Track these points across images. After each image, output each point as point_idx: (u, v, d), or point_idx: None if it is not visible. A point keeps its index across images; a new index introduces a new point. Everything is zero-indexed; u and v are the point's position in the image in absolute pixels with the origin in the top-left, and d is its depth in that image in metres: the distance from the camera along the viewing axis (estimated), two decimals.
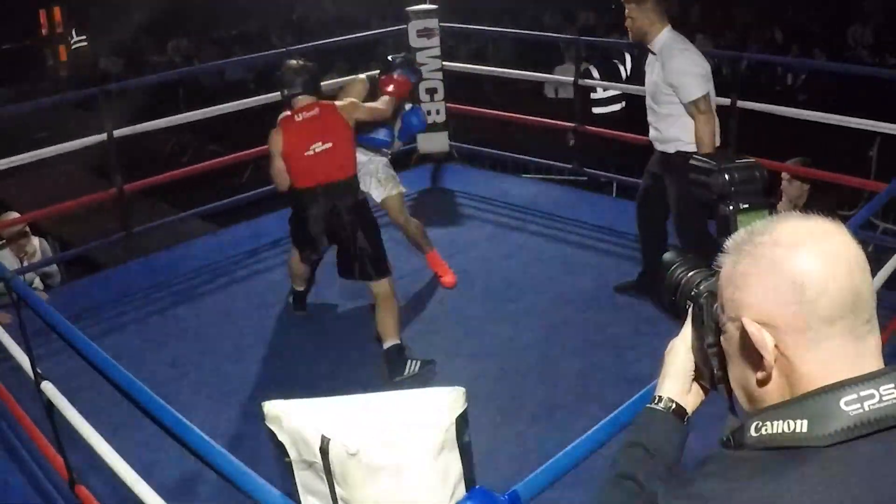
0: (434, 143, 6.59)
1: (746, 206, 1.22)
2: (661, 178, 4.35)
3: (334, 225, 4.10)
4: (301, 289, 4.69)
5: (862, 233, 4.71)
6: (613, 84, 7.37)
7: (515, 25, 10.15)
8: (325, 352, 4.35)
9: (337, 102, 4.21)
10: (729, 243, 1.03)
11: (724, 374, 1.09)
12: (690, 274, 1.24)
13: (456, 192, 6.36)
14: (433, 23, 6.30)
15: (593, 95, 7.24)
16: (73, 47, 15.71)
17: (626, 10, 4.19)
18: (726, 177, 1.24)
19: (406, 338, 4.14)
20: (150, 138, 7.03)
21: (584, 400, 3.75)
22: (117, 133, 5.18)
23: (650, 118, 4.32)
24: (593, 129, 6.18)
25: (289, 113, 4.10)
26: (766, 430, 0.95)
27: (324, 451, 1.49)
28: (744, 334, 0.98)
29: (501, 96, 8.74)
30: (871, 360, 0.96)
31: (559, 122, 6.53)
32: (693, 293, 1.21)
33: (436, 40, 6.33)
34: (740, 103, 5.26)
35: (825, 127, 5.56)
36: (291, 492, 1.63)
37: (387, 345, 4.05)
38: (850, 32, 9.90)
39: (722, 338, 1.06)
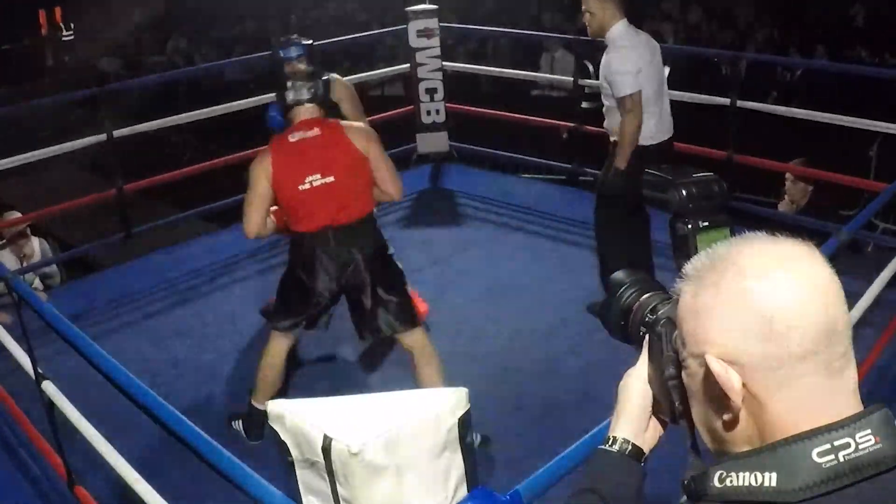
0: (433, 143, 6.58)
1: (706, 223, 1.13)
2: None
3: (349, 280, 3.34)
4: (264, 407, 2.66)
5: (862, 233, 4.71)
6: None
7: (515, 26, 10.17)
8: (326, 352, 4.35)
9: (344, 123, 3.43)
10: (688, 269, 0.93)
11: (685, 409, 0.99)
12: (644, 297, 1.13)
13: (456, 192, 6.35)
14: (433, 23, 6.29)
15: (587, 90, 7.18)
16: (63, 41, 15.84)
17: (584, 5, 4.05)
18: (683, 192, 1.14)
19: None
20: (149, 138, 7.02)
21: (585, 400, 3.75)
22: (117, 133, 5.18)
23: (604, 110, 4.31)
24: (593, 128, 6.17)
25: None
26: (730, 481, 0.86)
27: (326, 450, 1.49)
28: (708, 372, 0.88)
29: (501, 96, 8.73)
30: (848, 399, 0.87)
31: (559, 122, 6.52)
32: (648, 319, 1.09)
33: (436, 40, 6.32)
34: (740, 103, 5.26)
35: (825, 127, 5.56)
36: (293, 491, 1.63)
37: None
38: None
39: (683, 373, 0.96)
